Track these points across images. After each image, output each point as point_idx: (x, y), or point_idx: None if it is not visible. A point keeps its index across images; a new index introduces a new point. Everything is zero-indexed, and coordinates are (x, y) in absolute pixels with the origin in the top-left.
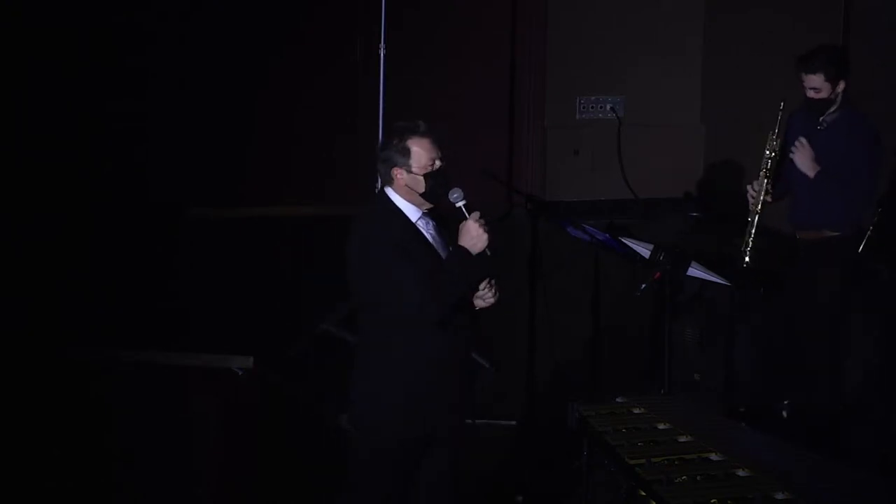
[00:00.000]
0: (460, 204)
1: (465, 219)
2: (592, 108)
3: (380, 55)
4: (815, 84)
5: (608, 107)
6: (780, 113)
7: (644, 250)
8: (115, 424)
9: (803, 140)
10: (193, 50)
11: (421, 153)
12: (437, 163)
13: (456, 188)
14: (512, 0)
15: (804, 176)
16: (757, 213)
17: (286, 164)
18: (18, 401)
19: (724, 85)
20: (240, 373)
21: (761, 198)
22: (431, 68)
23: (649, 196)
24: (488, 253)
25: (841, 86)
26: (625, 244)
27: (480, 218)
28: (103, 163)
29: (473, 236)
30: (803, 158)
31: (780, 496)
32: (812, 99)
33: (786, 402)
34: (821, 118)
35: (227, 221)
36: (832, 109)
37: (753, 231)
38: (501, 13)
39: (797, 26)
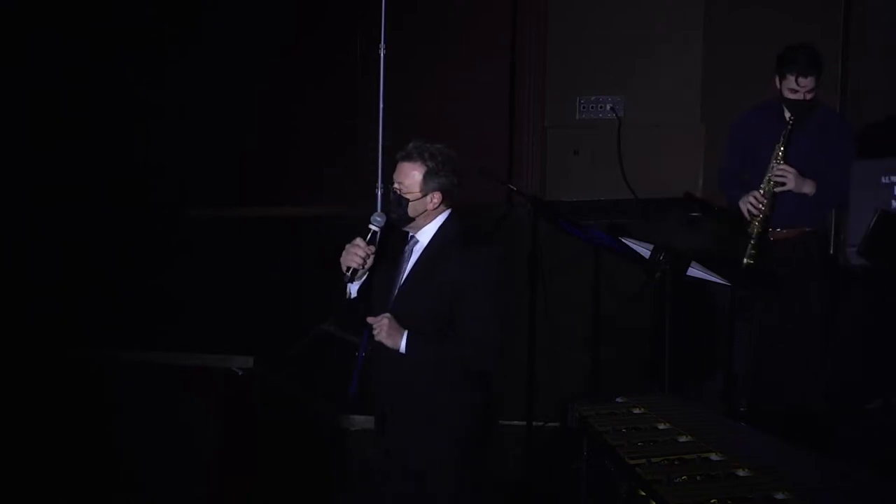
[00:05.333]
0: (372, 227)
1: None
2: (592, 108)
3: (380, 55)
4: (810, 86)
5: (608, 107)
6: (790, 125)
7: (644, 250)
8: (116, 424)
9: (790, 169)
10: (194, 50)
11: None
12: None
13: (377, 213)
14: (512, 0)
15: None
16: (758, 226)
17: (286, 164)
18: (19, 400)
19: (724, 85)
20: (240, 373)
21: (762, 211)
22: (431, 68)
23: (649, 196)
24: (346, 276)
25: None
26: (625, 244)
27: (364, 243)
28: (104, 163)
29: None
30: (799, 184)
31: (780, 496)
32: (790, 100)
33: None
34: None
35: (227, 221)
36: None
37: (754, 242)
38: (501, 13)
39: (797, 26)
